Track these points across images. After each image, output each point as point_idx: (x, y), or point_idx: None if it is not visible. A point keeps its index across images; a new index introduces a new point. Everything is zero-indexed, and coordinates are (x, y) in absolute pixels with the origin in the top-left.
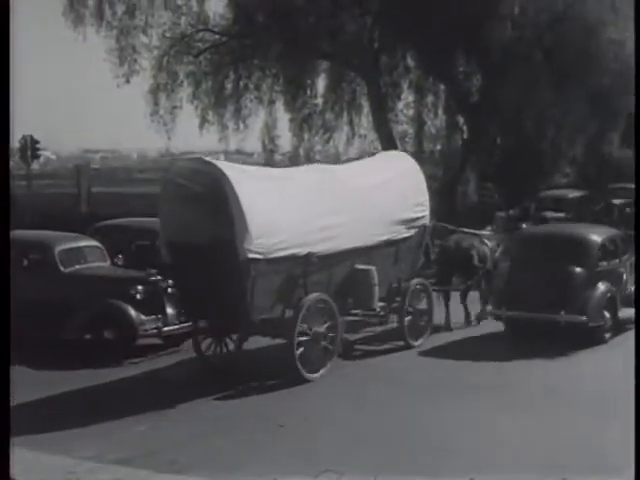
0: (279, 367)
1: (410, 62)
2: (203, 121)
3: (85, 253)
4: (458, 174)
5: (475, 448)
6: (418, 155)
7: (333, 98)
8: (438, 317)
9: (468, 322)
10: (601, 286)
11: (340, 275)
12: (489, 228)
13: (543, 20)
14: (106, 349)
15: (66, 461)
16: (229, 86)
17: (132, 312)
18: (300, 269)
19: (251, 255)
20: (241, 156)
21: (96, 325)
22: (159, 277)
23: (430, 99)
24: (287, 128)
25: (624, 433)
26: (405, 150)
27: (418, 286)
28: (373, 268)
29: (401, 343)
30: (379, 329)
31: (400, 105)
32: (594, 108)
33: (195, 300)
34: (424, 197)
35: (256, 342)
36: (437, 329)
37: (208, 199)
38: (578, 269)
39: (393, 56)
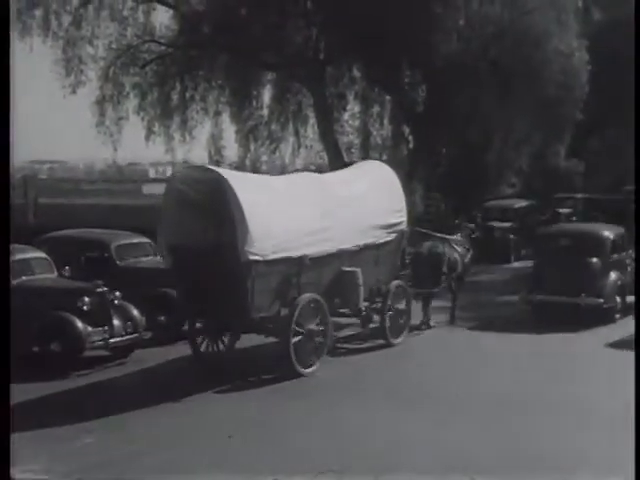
0: (271, 364)
1: (356, 73)
2: (149, 132)
3: (32, 265)
4: (404, 184)
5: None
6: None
7: (279, 109)
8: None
9: (426, 326)
10: (613, 274)
11: (328, 276)
12: (459, 234)
13: (489, 32)
14: (53, 361)
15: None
16: (175, 97)
17: (79, 324)
18: (294, 270)
19: (252, 257)
20: None
21: (43, 337)
22: (105, 288)
23: (376, 110)
24: (233, 139)
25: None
26: (351, 160)
27: (398, 288)
28: (359, 270)
29: (381, 341)
30: (360, 328)
31: (346, 116)
32: (540, 119)
33: (196, 300)
34: (402, 204)
35: (244, 342)
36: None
37: (210, 205)
38: (595, 260)
39: (339, 67)
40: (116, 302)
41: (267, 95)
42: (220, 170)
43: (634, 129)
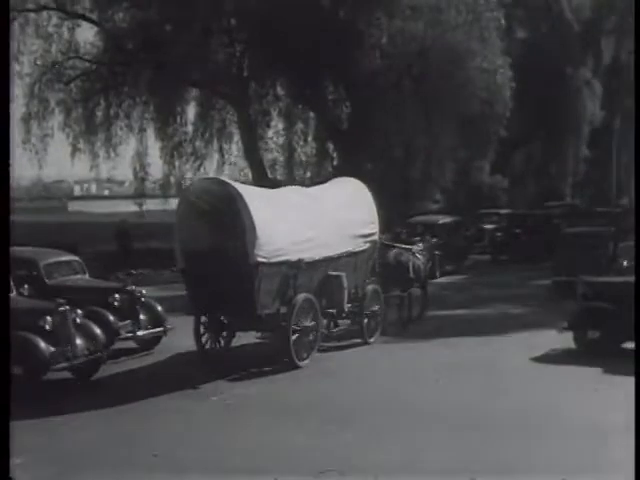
0: (266, 358)
1: (279, 90)
2: (74, 149)
3: None
4: None
5: None
6: (289, 183)
7: (203, 126)
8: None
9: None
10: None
11: (317, 280)
12: (420, 245)
13: (412, 49)
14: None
15: None
16: (100, 114)
17: (42, 344)
18: (292, 273)
19: (259, 259)
20: (112, 184)
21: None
22: (67, 307)
23: (300, 126)
24: (158, 156)
25: None
26: (275, 177)
27: (373, 292)
28: (344, 274)
29: (358, 340)
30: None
31: (270, 133)
32: (464, 135)
33: (207, 299)
34: (375, 217)
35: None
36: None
37: (221, 213)
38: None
39: (262, 84)
40: (78, 320)
41: (191, 112)
42: (232, 183)
43: (634, 129)
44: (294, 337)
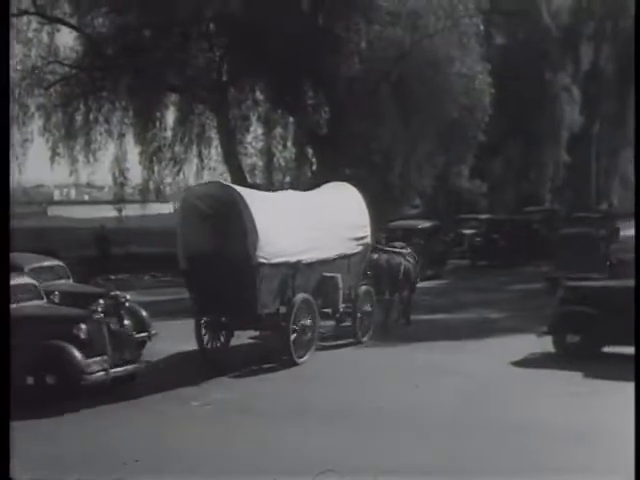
0: (265, 356)
1: (259, 95)
2: (54, 154)
3: (16, 291)
4: None
5: None
6: (268, 187)
7: (182, 131)
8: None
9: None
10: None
11: (314, 280)
12: (409, 249)
13: (391, 54)
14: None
15: None
16: (79, 119)
17: (76, 353)
18: (290, 273)
19: (260, 260)
20: (92, 189)
21: (38, 369)
22: (102, 314)
23: (279, 131)
24: (137, 161)
25: None
26: (255, 182)
27: (365, 293)
28: (339, 275)
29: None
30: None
31: (249, 138)
32: (443, 140)
33: (209, 299)
34: (367, 221)
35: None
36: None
37: (223, 215)
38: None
39: (242, 89)
40: (112, 327)
41: (171, 117)
42: (234, 186)
43: (634, 129)
44: (293, 336)
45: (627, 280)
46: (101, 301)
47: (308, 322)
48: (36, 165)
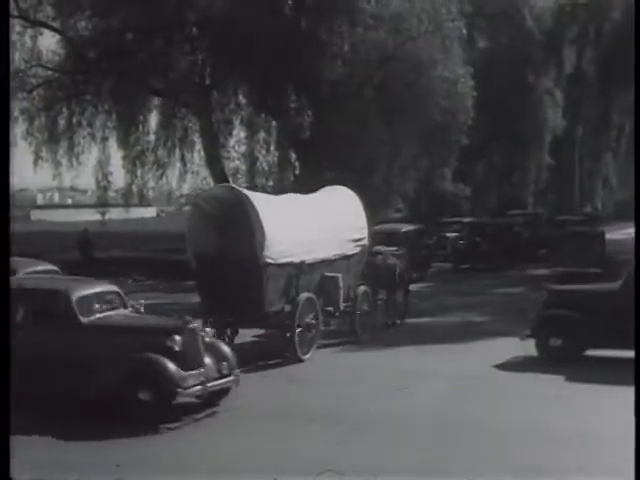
0: (270, 353)
1: (241, 99)
2: (37, 158)
3: (100, 298)
4: None
5: None
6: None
7: (165, 135)
8: None
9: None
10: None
11: (316, 280)
12: (400, 249)
13: (374, 58)
14: (140, 412)
15: None
16: (62, 122)
17: (171, 366)
18: (295, 273)
19: (267, 260)
20: (75, 193)
21: (130, 384)
22: (196, 324)
23: (262, 135)
24: (120, 165)
25: None
26: (238, 185)
27: (363, 293)
28: (340, 275)
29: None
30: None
31: (232, 141)
32: (426, 143)
33: (216, 297)
34: (364, 223)
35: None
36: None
37: (231, 217)
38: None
39: (224, 93)
40: (207, 340)
41: (154, 120)
42: (242, 189)
43: (634, 130)
44: (298, 333)
45: (609, 284)
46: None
47: (312, 320)
48: (19, 169)
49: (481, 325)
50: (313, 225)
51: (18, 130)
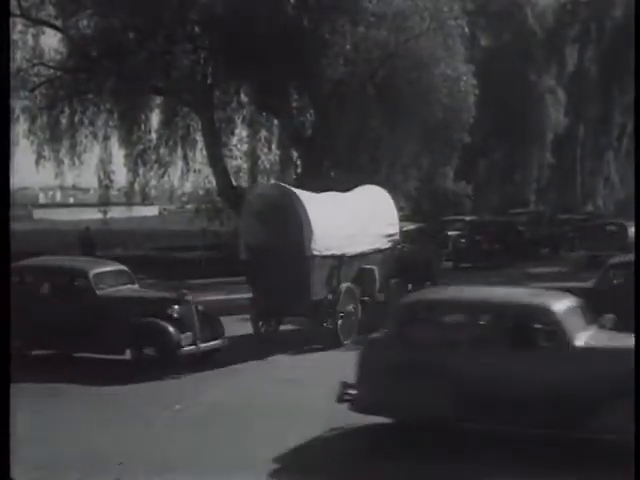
0: (313, 339)
1: (243, 97)
2: (39, 157)
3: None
4: None
5: None
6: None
7: (167, 133)
8: None
9: None
10: None
11: (354, 271)
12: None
13: (376, 57)
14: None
15: None
16: (64, 121)
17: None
18: (337, 265)
19: (314, 252)
20: (77, 192)
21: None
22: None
23: (264, 134)
24: (122, 163)
25: None
26: (239, 184)
27: (395, 284)
28: (376, 267)
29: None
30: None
31: (234, 140)
32: (428, 142)
33: (267, 287)
34: (396, 219)
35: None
36: None
37: (281, 212)
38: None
39: (226, 91)
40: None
41: (155, 119)
42: (290, 187)
43: (634, 130)
44: (339, 321)
45: (583, 282)
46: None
47: (351, 308)
48: (21, 168)
49: None
50: (351, 221)
51: (20, 129)
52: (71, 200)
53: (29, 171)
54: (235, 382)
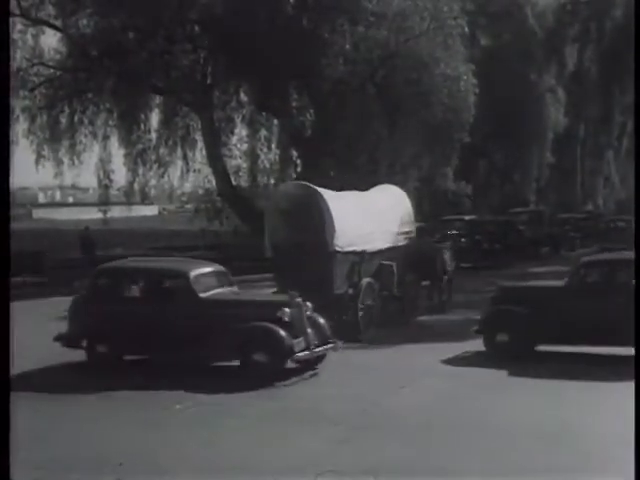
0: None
1: (243, 97)
2: (39, 156)
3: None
4: None
5: None
6: (252, 189)
7: (167, 133)
8: None
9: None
10: None
11: (374, 267)
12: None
13: (375, 56)
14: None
15: None
16: (64, 121)
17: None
18: (357, 260)
19: (336, 248)
20: (77, 191)
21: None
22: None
23: (263, 133)
24: (122, 163)
25: None
26: (239, 184)
27: (412, 280)
28: (394, 263)
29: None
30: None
31: (234, 139)
32: (428, 142)
33: (291, 282)
34: (412, 218)
35: None
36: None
37: (304, 211)
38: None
39: (226, 91)
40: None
41: (155, 119)
42: (314, 187)
43: (634, 130)
44: (360, 314)
45: (556, 281)
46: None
47: (371, 302)
48: (21, 167)
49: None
50: (370, 219)
51: (20, 128)
52: (70, 200)
53: (29, 171)
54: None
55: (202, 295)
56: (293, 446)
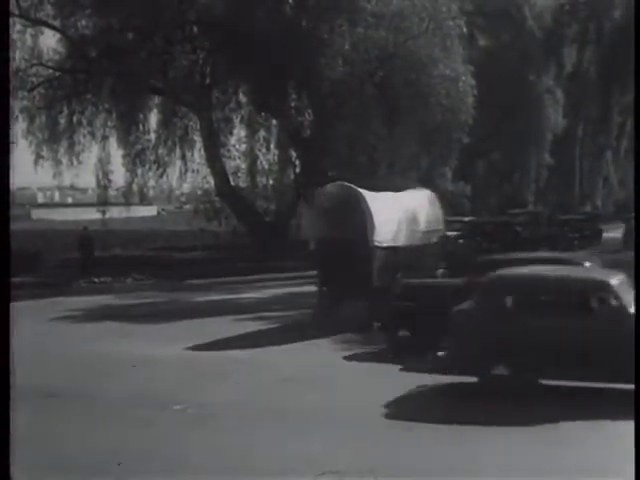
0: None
1: (242, 97)
2: (38, 157)
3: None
4: (291, 208)
5: None
6: (251, 190)
7: (166, 133)
8: None
9: None
10: None
11: (406, 262)
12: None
13: (374, 57)
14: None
15: None
16: (62, 121)
17: None
18: (393, 255)
19: (376, 244)
20: (75, 192)
21: None
22: None
23: (262, 134)
24: (120, 163)
25: None
26: (238, 184)
27: (442, 275)
28: (425, 259)
29: None
30: None
31: (232, 140)
32: (426, 143)
33: (332, 274)
34: (441, 218)
35: None
36: None
37: (346, 209)
38: None
39: (225, 91)
40: None
41: (154, 119)
42: (355, 187)
43: (634, 130)
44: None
45: (456, 279)
46: None
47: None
48: (20, 168)
49: None
50: (405, 217)
51: (19, 129)
52: (69, 200)
53: (27, 171)
54: None
55: (631, 310)
56: None
